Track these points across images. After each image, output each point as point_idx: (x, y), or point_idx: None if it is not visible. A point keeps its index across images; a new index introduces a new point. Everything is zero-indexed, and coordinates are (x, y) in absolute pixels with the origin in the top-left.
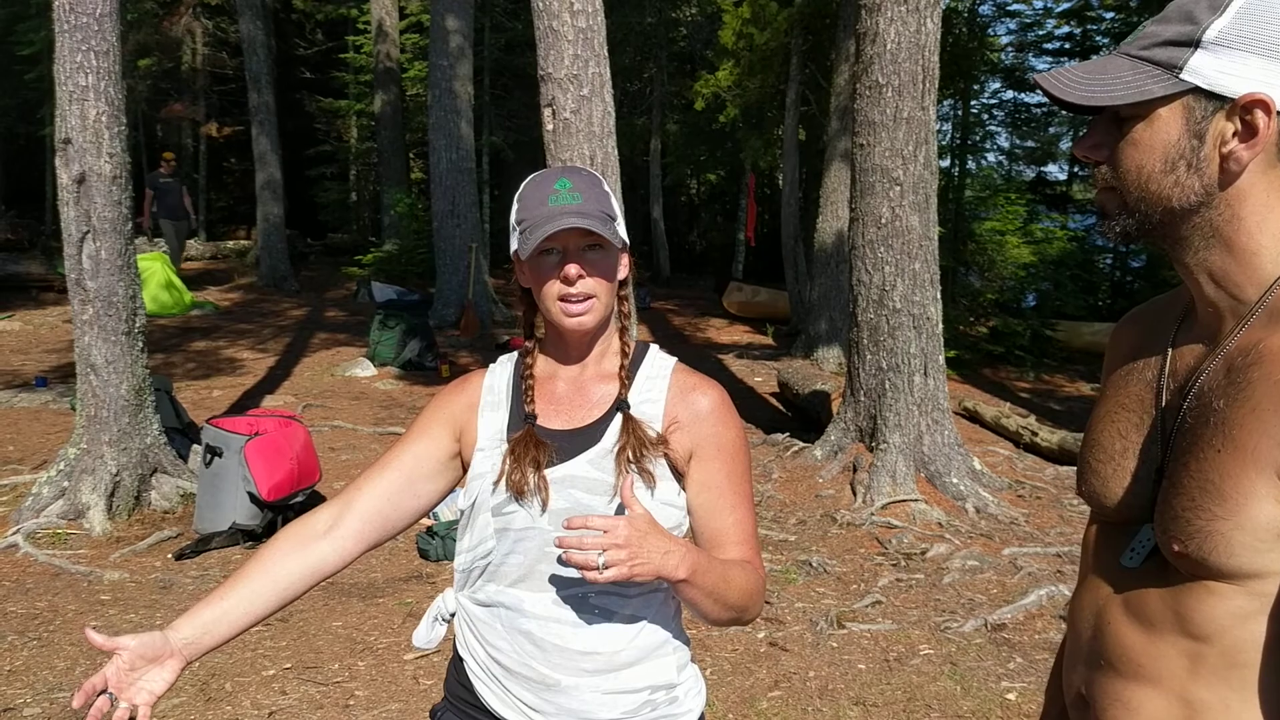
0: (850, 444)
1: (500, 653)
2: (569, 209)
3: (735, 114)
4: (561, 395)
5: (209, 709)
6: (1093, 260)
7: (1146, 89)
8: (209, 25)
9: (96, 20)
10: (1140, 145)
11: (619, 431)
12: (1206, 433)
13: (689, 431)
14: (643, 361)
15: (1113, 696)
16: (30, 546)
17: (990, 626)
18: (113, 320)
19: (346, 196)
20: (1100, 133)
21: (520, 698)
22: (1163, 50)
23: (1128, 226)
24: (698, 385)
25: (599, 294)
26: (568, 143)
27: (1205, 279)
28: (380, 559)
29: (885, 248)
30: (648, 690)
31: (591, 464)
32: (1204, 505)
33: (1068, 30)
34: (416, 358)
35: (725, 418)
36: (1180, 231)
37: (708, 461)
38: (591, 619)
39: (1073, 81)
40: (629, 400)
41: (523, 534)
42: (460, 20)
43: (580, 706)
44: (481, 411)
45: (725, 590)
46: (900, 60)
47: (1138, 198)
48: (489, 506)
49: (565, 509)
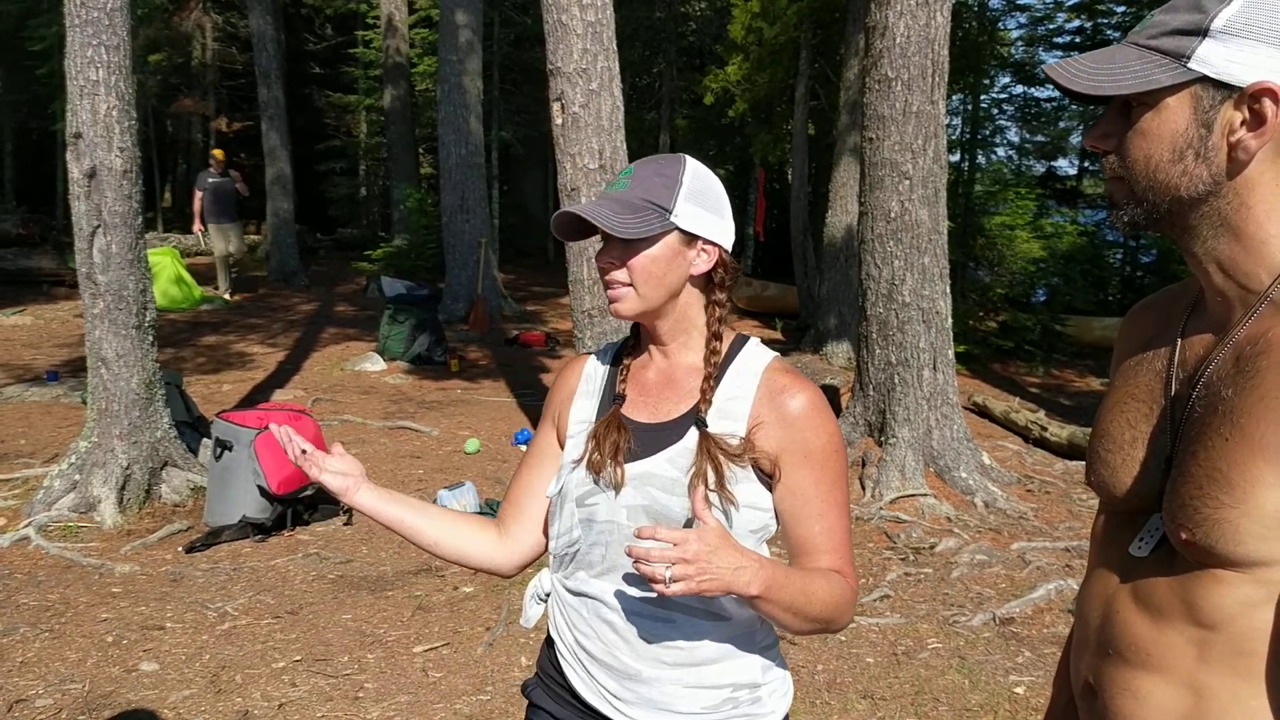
0: (859, 438)
1: (586, 639)
2: (607, 196)
3: (744, 109)
4: (651, 384)
5: (219, 700)
6: (1103, 255)
7: (1154, 78)
8: (219, 20)
9: (107, 15)
10: (1148, 134)
11: (696, 448)
12: (1215, 421)
13: (775, 435)
14: (736, 356)
15: (1121, 685)
16: (42, 539)
17: (999, 620)
18: (123, 314)
19: (356, 192)
20: (1109, 122)
21: (604, 685)
22: (1171, 39)
23: (1135, 216)
24: (788, 386)
25: (635, 282)
26: (576, 137)
27: (1214, 268)
28: (390, 552)
29: (895, 242)
30: (730, 688)
31: (670, 463)
32: (1212, 494)
33: (1078, 24)
34: (426, 352)
35: (815, 422)
36: (1188, 221)
37: (795, 468)
38: (674, 614)
39: (1081, 71)
40: (708, 412)
41: (605, 527)
42: (469, 15)
43: (661, 698)
44: (576, 399)
45: (805, 604)
46: (910, 54)
47: (1145, 187)
48: (574, 496)
49: (643, 505)
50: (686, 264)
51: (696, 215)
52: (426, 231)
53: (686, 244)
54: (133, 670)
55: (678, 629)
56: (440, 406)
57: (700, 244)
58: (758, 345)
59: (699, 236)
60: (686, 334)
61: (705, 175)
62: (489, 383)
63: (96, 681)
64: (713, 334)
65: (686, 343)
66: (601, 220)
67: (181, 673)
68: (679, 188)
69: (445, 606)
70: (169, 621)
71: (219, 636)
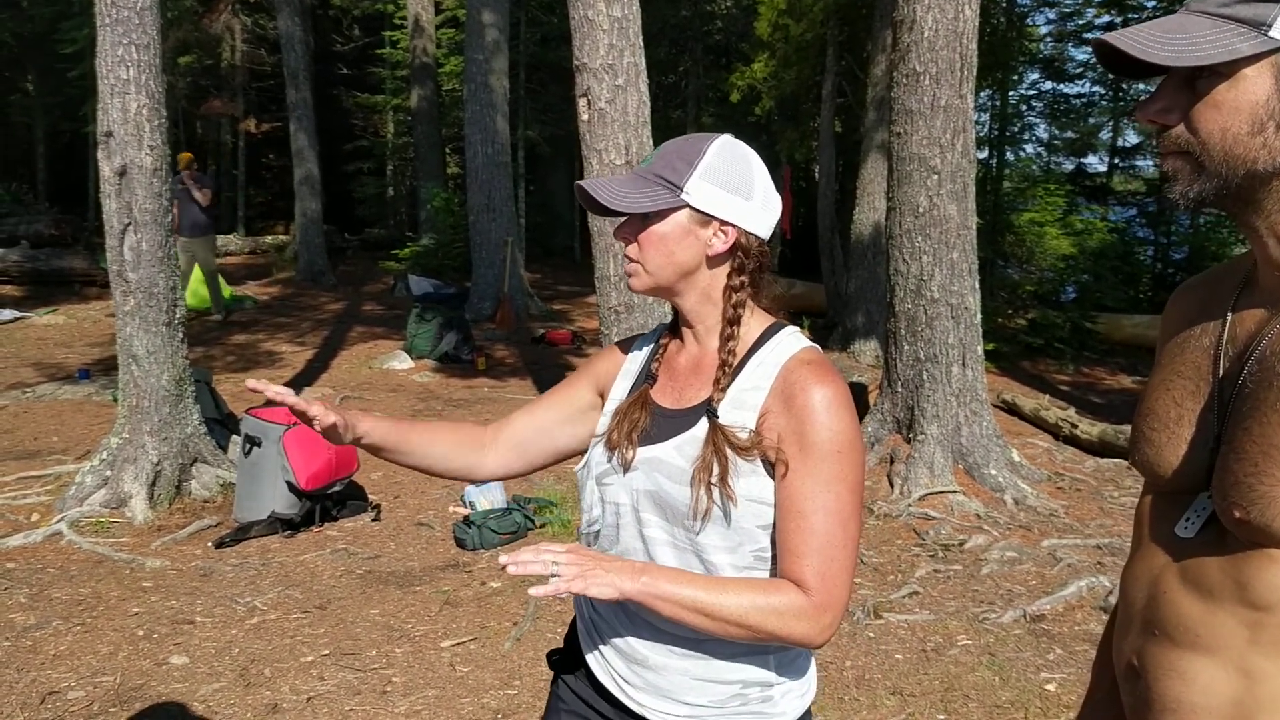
0: (887, 435)
1: (601, 619)
2: (631, 172)
3: (771, 106)
4: (681, 369)
5: (248, 694)
6: (1133, 252)
7: (1235, 48)
8: (248, 22)
9: (137, 14)
10: (1223, 107)
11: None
12: (1270, 397)
13: (777, 425)
14: (764, 345)
15: (1167, 666)
16: (74, 534)
17: (1029, 617)
18: (154, 311)
19: (383, 191)
20: (1169, 95)
21: (615, 666)
22: (1247, 7)
23: (1205, 190)
24: (805, 378)
25: (643, 259)
26: (603, 133)
27: (1274, 242)
28: (418, 548)
29: (923, 237)
30: (740, 684)
31: (678, 450)
32: (1267, 470)
33: (1108, 20)
34: (453, 350)
35: (823, 416)
36: (1256, 194)
37: (789, 460)
38: None
39: (1153, 41)
40: (722, 403)
41: (615, 509)
42: (496, 14)
43: (668, 686)
44: (619, 378)
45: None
46: (938, 48)
47: (1221, 160)
48: (595, 474)
49: (650, 491)
50: (701, 244)
51: (712, 194)
52: (453, 231)
53: (700, 223)
54: (163, 664)
55: None
56: (467, 404)
57: (717, 224)
58: (792, 334)
59: (714, 216)
60: (707, 318)
61: (733, 155)
62: (516, 381)
63: (127, 674)
64: (728, 320)
65: (713, 328)
66: (600, 192)
67: (211, 666)
68: (696, 165)
69: (473, 601)
70: (199, 616)
71: (248, 631)
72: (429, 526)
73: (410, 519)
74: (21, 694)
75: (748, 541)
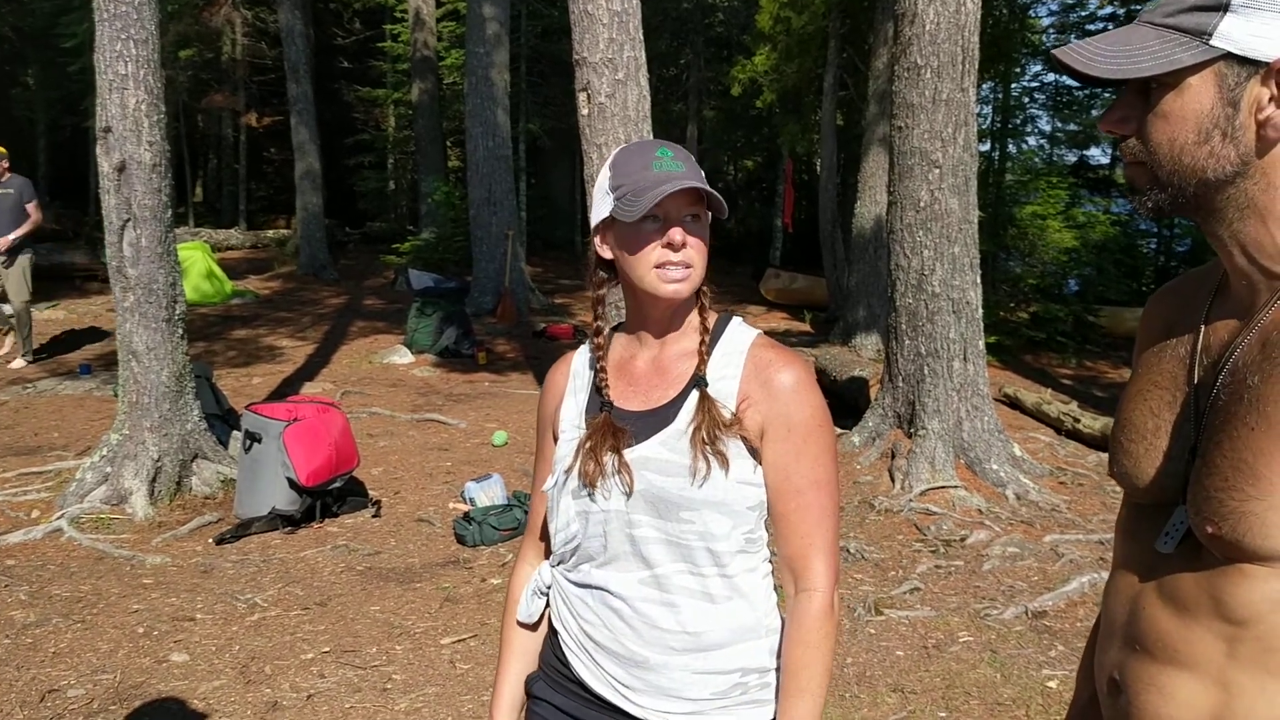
0: (888, 430)
1: (592, 627)
2: (674, 175)
3: (772, 99)
4: (640, 374)
5: (249, 691)
6: (1136, 245)
7: (1175, 58)
8: (248, 16)
9: (135, 9)
10: (1171, 117)
11: (694, 411)
12: (1240, 410)
13: (760, 409)
14: (722, 336)
15: (1147, 681)
16: (74, 531)
17: (1031, 614)
18: (153, 307)
19: (384, 185)
20: (1126, 105)
21: (611, 673)
22: (1189, 16)
23: (1160, 201)
24: (774, 361)
25: (696, 263)
26: (603, 127)
27: (1238, 251)
28: (418, 544)
29: (924, 231)
30: (739, 672)
31: (664, 445)
32: (1238, 485)
33: (1110, 10)
34: (454, 345)
35: (800, 396)
36: (1214, 203)
37: (777, 442)
38: (679, 599)
39: (1097, 55)
40: (706, 378)
41: (605, 516)
42: (497, 8)
43: (669, 684)
44: (565, 399)
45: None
46: (939, 41)
47: (1170, 171)
48: (569, 490)
49: (641, 490)
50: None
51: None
52: (454, 224)
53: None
54: (163, 661)
55: (682, 613)
56: (468, 399)
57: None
58: (741, 324)
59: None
60: (690, 315)
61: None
62: (517, 375)
63: (127, 672)
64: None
65: (686, 326)
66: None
67: (211, 663)
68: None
69: (473, 598)
70: (199, 613)
71: (248, 628)
72: (429, 523)
73: (411, 515)
74: (21, 692)
75: (740, 523)
